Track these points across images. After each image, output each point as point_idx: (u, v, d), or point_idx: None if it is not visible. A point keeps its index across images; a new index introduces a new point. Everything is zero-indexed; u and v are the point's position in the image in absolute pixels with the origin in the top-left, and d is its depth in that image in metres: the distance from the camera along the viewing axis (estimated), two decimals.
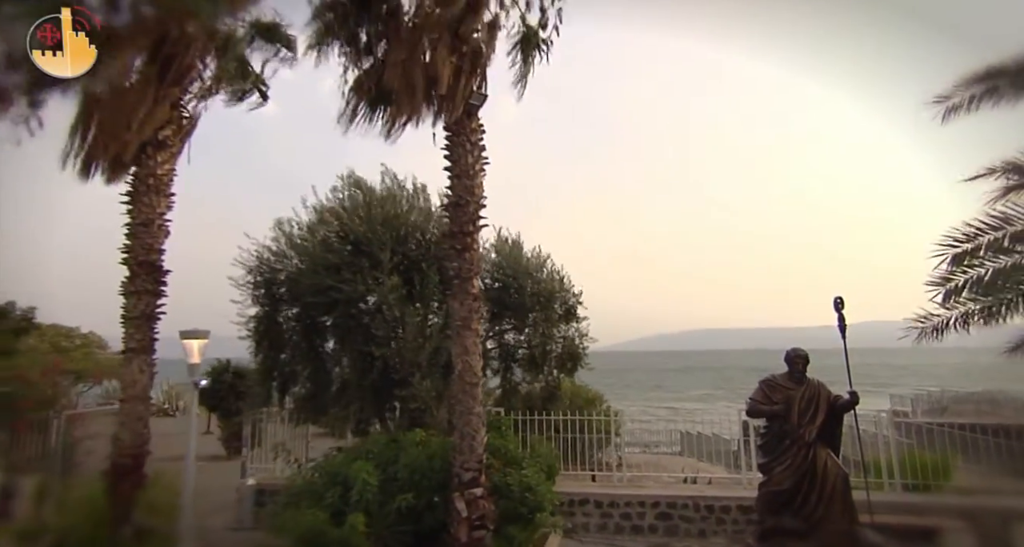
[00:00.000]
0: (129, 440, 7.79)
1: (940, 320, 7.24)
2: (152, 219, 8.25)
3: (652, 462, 11.72)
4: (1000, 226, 6.52)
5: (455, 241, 7.04)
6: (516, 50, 7.89)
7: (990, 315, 6.74)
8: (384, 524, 6.35)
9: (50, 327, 20.08)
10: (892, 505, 7.73)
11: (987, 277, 6.47)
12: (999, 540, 7.19)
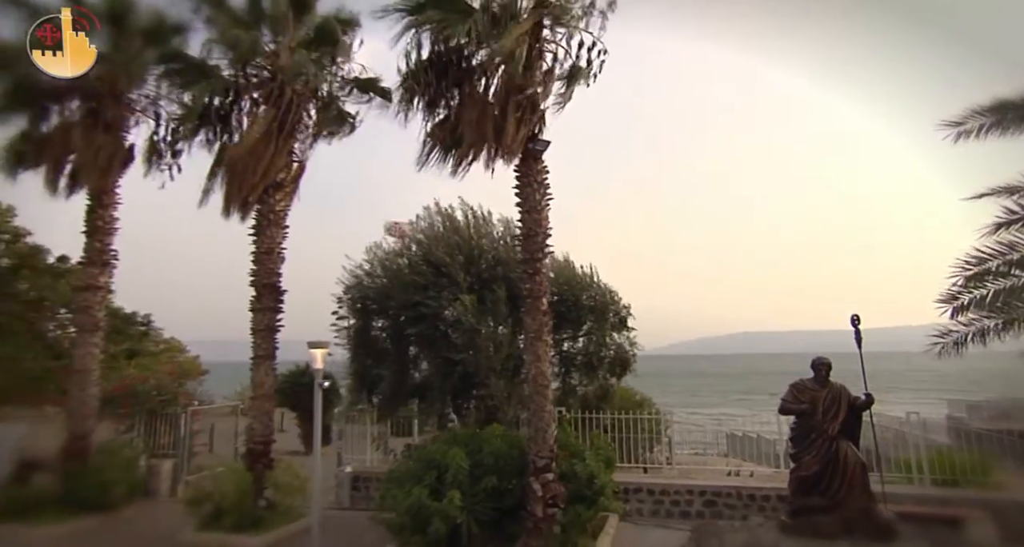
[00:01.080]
0: (259, 430, 9.52)
1: (960, 335, 8.17)
2: (272, 248, 9.97)
3: (699, 462, 12.77)
4: (1006, 252, 7.42)
5: (527, 266, 8.40)
6: (563, 84, 9.17)
7: (1004, 329, 7.64)
8: (474, 501, 7.72)
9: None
10: (919, 497, 8.66)
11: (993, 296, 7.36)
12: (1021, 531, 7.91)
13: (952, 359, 8.19)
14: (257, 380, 9.68)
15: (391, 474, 8.66)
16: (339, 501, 10.81)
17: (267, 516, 8.91)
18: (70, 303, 15.39)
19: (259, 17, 10.28)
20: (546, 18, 8.26)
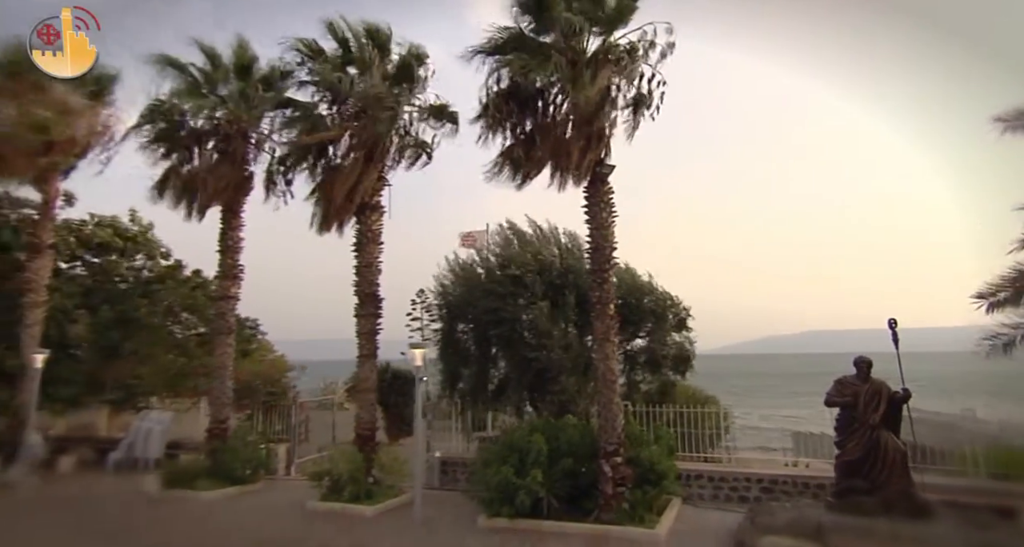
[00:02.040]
0: (366, 419, 11.19)
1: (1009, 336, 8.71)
2: (371, 262, 11.60)
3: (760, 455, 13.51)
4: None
5: (595, 276, 9.59)
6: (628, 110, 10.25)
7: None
8: (553, 479, 8.99)
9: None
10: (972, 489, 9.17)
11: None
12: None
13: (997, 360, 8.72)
14: (362, 375, 11.37)
15: (481, 457, 10.07)
16: (430, 482, 12.34)
17: (375, 491, 10.50)
18: (204, 310, 17.95)
19: (348, 60, 11.91)
20: (615, 64, 9.34)
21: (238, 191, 12.53)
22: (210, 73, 12.46)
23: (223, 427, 12.41)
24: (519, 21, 10.06)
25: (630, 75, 9.71)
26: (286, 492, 11.87)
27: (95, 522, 9.93)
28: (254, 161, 12.96)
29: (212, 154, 12.40)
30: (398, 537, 8.83)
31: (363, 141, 11.40)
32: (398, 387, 17.00)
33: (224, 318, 12.74)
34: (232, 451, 12.04)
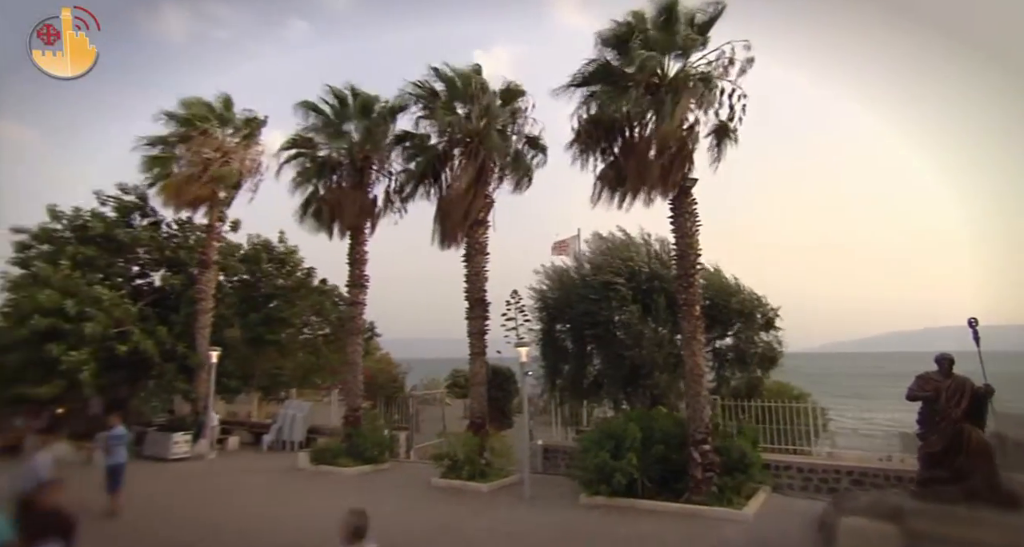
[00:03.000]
0: (477, 409, 12.78)
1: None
2: (479, 271, 13.21)
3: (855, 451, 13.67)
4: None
5: (681, 281, 10.55)
6: (711, 137, 11.10)
7: None
8: (646, 463, 10.07)
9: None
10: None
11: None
12: None
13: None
14: (474, 371, 13.01)
15: (582, 442, 11.32)
16: (534, 467, 13.71)
17: (488, 471, 12.05)
18: (329, 313, 20.63)
19: (455, 96, 13.59)
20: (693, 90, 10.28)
21: (364, 212, 14.65)
22: (340, 113, 14.69)
23: (356, 415, 14.56)
24: (603, 53, 11.25)
25: (709, 97, 10.58)
26: (410, 471, 13.76)
27: (271, 486, 12.30)
28: (375, 186, 15.05)
29: (343, 182, 14.58)
30: (512, 509, 10.27)
31: (473, 166, 13.03)
32: (497, 383, 18.62)
33: (354, 321, 14.95)
34: (364, 435, 14.11)
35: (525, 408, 11.27)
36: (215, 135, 17.50)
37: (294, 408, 17.74)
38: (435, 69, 13.32)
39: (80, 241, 17.96)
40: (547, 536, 8.67)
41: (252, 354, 19.78)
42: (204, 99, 17.68)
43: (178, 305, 19.28)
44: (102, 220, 18.36)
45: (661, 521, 9.20)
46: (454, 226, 13.10)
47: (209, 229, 18.34)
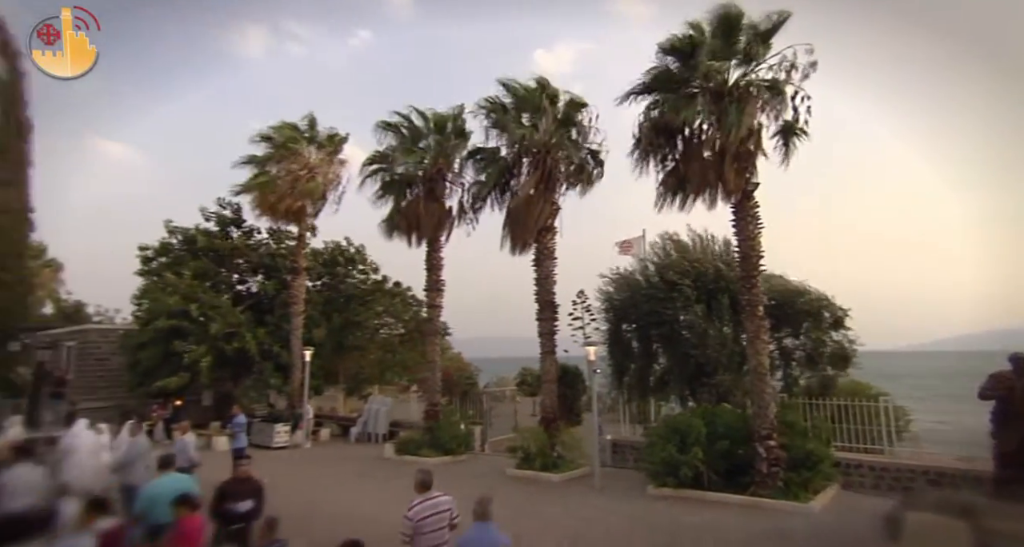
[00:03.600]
0: (548, 404, 13.54)
1: None
2: (548, 275, 13.96)
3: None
4: None
5: (744, 282, 10.89)
6: (778, 138, 11.33)
7: None
8: (711, 457, 10.49)
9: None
10: None
11: None
12: None
13: None
14: (544, 368, 13.81)
15: (649, 436, 11.86)
16: (603, 460, 14.32)
17: (559, 463, 12.79)
18: (402, 314, 22.06)
19: (523, 109, 14.41)
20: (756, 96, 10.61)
21: (440, 223, 15.77)
22: (415, 131, 15.89)
23: (436, 409, 15.70)
24: (665, 61, 11.71)
25: (774, 102, 10.85)
26: (486, 462, 14.72)
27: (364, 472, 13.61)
28: (449, 197, 16.15)
29: (420, 195, 15.76)
30: (583, 497, 10.97)
31: (540, 175, 13.81)
32: (566, 381, 19.25)
33: (433, 323, 16.11)
34: (444, 428, 15.22)
35: (594, 403, 11.94)
36: (302, 153, 19.24)
37: (378, 403, 19.19)
38: (504, 84, 14.21)
39: (191, 254, 20.23)
40: (616, 521, 9.34)
41: (336, 354, 21.49)
42: (292, 122, 19.51)
43: (272, 308, 21.29)
44: (206, 234, 20.59)
45: (726, 512, 9.63)
46: (523, 233, 13.93)
47: (299, 239, 20.15)
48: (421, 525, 4.81)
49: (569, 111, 14.07)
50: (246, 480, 6.33)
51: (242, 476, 6.35)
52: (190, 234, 20.70)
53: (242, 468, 6.44)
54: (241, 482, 6.27)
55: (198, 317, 17.25)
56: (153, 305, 17.77)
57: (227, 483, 6.26)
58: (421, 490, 5.18)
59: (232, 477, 6.44)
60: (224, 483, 6.27)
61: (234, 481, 6.32)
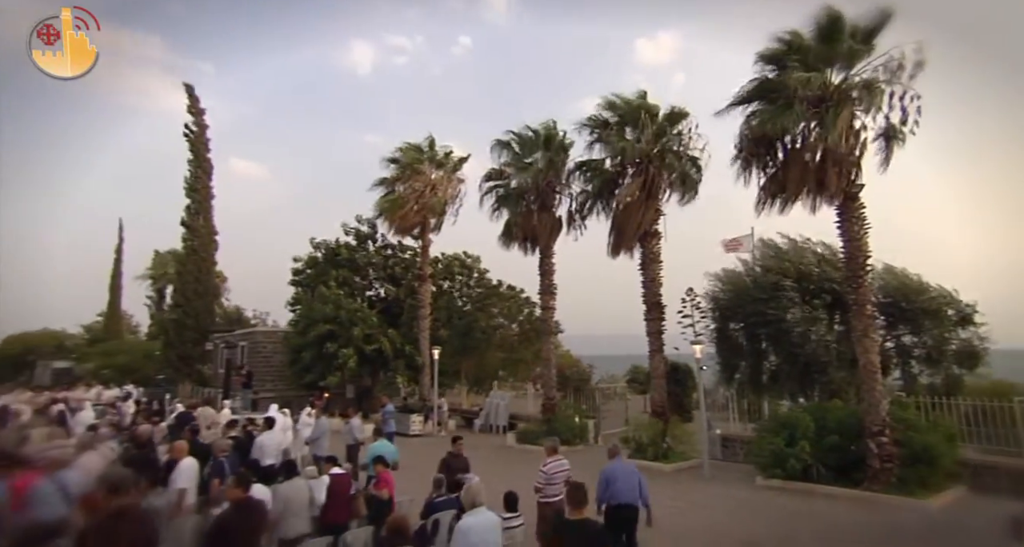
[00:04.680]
0: (658, 399, 14.42)
1: None
2: (654, 277, 14.81)
3: None
4: None
5: (850, 282, 11.13)
6: (879, 140, 11.37)
7: None
8: (820, 451, 10.86)
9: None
10: None
11: None
12: None
13: None
14: (653, 366, 14.70)
15: (759, 429, 12.38)
16: (713, 454, 14.93)
17: (669, 454, 13.64)
18: (516, 315, 23.80)
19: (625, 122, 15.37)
20: (856, 101, 10.85)
21: (552, 231, 17.17)
22: (526, 147, 17.44)
23: (552, 403, 17.11)
24: (764, 71, 12.17)
25: (878, 102, 10.96)
26: (600, 452, 15.68)
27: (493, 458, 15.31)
28: (558, 206, 17.49)
29: (533, 206, 17.27)
30: (692, 485, 11.80)
31: (643, 184, 14.72)
32: (676, 378, 19.71)
33: (546, 323, 17.55)
34: (560, 420, 16.56)
35: (702, 399, 12.68)
36: (424, 172, 21.58)
37: (498, 398, 21.00)
38: (608, 101, 15.30)
39: (333, 265, 23.40)
40: (724, 505, 10.13)
41: (458, 353, 23.68)
42: (415, 144, 21.94)
43: (400, 312, 23.94)
44: (348, 247, 23.68)
45: (835, 503, 10.04)
46: (626, 239, 14.93)
47: (423, 249, 22.55)
48: (551, 478, 6.42)
49: (669, 122, 14.84)
50: (459, 456, 7.86)
51: (458, 452, 7.92)
52: (332, 247, 23.95)
53: (458, 445, 8.04)
54: (456, 457, 7.79)
55: (345, 322, 20.09)
56: (308, 312, 20.93)
57: (449, 457, 7.77)
58: (551, 453, 6.79)
59: (450, 452, 7.93)
60: (447, 456, 7.80)
61: (452, 456, 7.83)
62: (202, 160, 25.47)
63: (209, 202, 25.50)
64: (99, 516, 3.96)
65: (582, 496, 4.54)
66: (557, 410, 17.05)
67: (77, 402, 17.18)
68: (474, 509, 4.64)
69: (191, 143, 25.41)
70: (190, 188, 25.26)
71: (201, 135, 25.62)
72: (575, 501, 4.52)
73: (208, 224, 25.43)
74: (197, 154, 25.28)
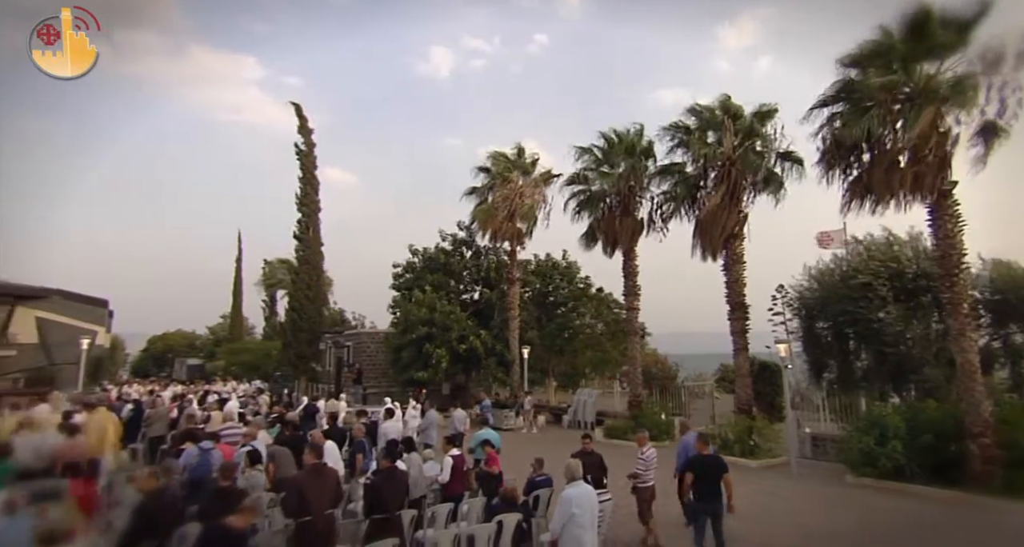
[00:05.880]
0: (743, 397, 14.69)
1: None
2: (738, 278, 15.08)
3: None
4: None
5: (944, 280, 10.98)
6: (977, 136, 11.08)
7: None
8: (913, 451, 10.80)
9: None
10: None
11: None
12: None
13: None
14: (738, 364, 14.98)
15: (852, 427, 12.40)
16: (803, 453, 14.94)
17: (756, 451, 13.88)
18: (605, 315, 24.52)
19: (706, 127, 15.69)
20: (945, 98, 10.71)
21: (634, 234, 17.79)
22: (608, 154, 18.16)
23: (638, 400, 17.73)
24: (847, 73, 12.15)
25: (974, 98, 10.70)
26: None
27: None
28: (639, 209, 18.07)
29: (614, 210, 17.97)
30: (779, 481, 12.07)
31: (726, 187, 15.02)
32: (766, 377, 19.60)
33: (631, 323, 18.19)
34: (646, 417, 17.14)
35: (787, 396, 12.87)
36: (513, 180, 22.82)
37: (585, 395, 21.80)
38: (691, 110, 15.74)
39: (430, 270, 25.23)
40: (810, 501, 10.42)
41: (547, 352, 24.74)
42: (503, 152, 23.27)
43: (492, 313, 25.33)
44: (444, 253, 25.45)
45: (929, 503, 10.02)
46: (710, 243, 15.27)
47: (512, 254, 23.79)
48: (648, 464, 7.63)
49: (753, 123, 15.02)
50: (591, 452, 7.69)
51: (587, 448, 7.79)
52: (430, 253, 25.86)
53: (587, 442, 7.96)
54: (587, 454, 7.56)
55: (440, 325, 21.74)
56: (408, 315, 22.84)
57: (578, 453, 7.43)
58: (643, 443, 7.77)
59: (580, 449, 7.75)
60: (576, 453, 7.44)
61: (582, 452, 7.55)
62: (310, 177, 28.26)
63: (317, 216, 28.24)
64: (307, 471, 5.42)
65: (706, 440, 7.24)
66: (643, 407, 17.63)
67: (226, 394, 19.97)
68: (573, 482, 5.57)
69: (301, 161, 28.22)
70: (300, 203, 28.07)
71: (309, 154, 28.41)
72: (703, 443, 7.15)
73: (316, 236, 28.17)
74: (306, 171, 28.08)
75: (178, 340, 55.04)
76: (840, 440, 13.12)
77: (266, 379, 32.23)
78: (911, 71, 11.20)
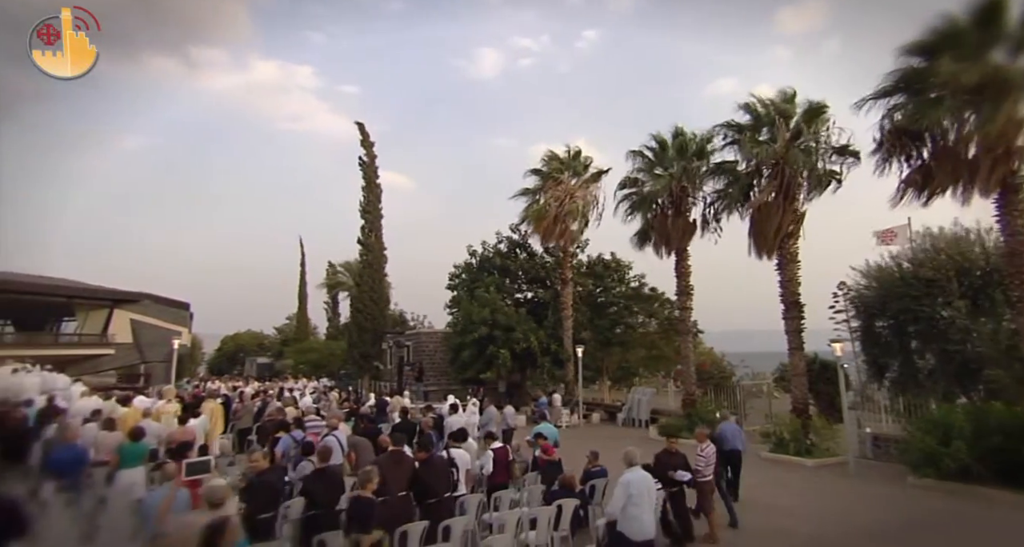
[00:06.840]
0: (799, 397, 14.64)
1: None
2: (792, 277, 15.00)
3: None
4: None
5: (1013, 277, 10.72)
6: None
7: None
8: (980, 452, 10.57)
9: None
10: None
11: None
12: None
13: None
14: (793, 363, 14.92)
15: (914, 426, 12.22)
16: (863, 453, 14.72)
17: (812, 449, 13.81)
18: (658, 314, 24.65)
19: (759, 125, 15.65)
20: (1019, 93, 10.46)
21: (686, 234, 17.92)
22: (660, 155, 18.35)
23: (692, 398, 17.86)
24: (908, 62, 11.94)
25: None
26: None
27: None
28: (692, 210, 18.17)
29: (667, 211, 18.15)
30: (835, 480, 12.04)
31: (779, 186, 14.95)
32: (826, 376, 19.20)
33: (684, 323, 18.33)
34: (700, 415, 17.25)
35: (843, 395, 12.78)
36: (565, 181, 23.29)
37: (640, 393, 22.05)
38: (743, 106, 15.75)
39: (487, 271, 26.06)
40: (867, 501, 10.41)
41: (601, 350, 25.08)
42: (556, 153, 23.78)
43: (546, 313, 25.89)
44: (500, 254, 26.25)
45: (994, 505, 9.81)
46: (764, 242, 15.23)
47: (564, 254, 24.27)
48: (709, 460, 8.03)
49: (806, 121, 14.88)
50: (676, 453, 7.63)
51: (672, 449, 7.69)
52: (487, 254, 26.71)
53: (671, 443, 7.82)
54: (671, 454, 7.61)
55: (502, 325, 22.55)
56: (470, 315, 23.76)
57: (662, 453, 7.70)
58: (703, 439, 8.19)
59: (664, 449, 7.79)
60: (660, 453, 7.73)
61: (665, 452, 7.69)
62: (373, 186, 29.79)
63: (379, 222, 29.74)
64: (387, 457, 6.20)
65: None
66: (697, 405, 17.75)
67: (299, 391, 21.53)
68: (631, 467, 6.06)
69: (364, 172, 29.89)
70: (363, 210, 29.67)
71: (371, 164, 29.95)
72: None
73: (379, 241, 29.68)
74: (369, 181, 29.64)
75: (248, 340, 58.55)
76: (902, 441, 12.92)
77: (332, 377, 34.02)
78: (983, 60, 10.91)
